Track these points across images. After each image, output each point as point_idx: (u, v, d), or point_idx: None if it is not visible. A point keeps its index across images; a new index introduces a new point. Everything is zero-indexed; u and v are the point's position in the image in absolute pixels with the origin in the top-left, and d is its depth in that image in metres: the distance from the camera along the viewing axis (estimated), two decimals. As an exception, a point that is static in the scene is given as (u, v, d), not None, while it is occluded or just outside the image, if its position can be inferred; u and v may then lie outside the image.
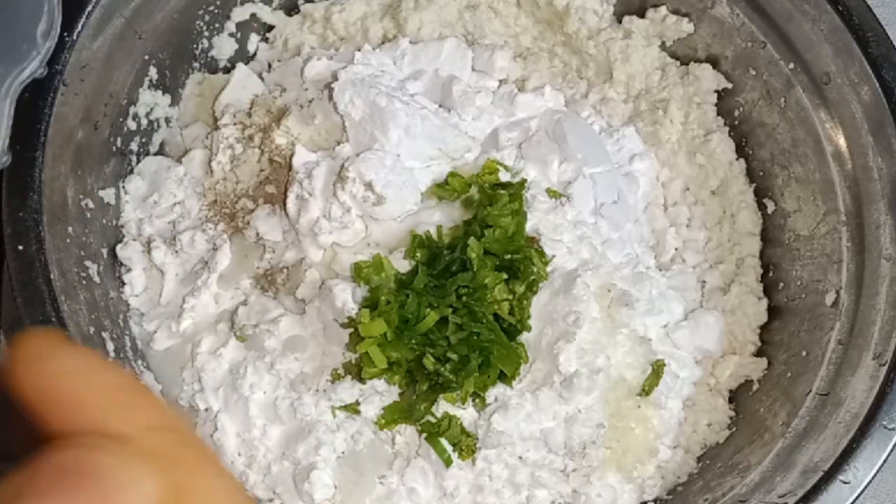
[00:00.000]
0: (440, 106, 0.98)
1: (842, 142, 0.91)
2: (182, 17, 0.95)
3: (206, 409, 0.87)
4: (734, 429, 0.92)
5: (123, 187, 0.93)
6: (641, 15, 1.03)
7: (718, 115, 1.02)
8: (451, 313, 0.84)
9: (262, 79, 1.01)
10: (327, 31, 1.03)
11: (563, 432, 0.85)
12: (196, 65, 1.01)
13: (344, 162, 0.90)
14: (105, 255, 0.89)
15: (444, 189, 0.92)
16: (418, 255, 0.88)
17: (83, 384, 0.31)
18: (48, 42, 0.56)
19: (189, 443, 0.32)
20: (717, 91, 1.02)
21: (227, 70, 1.03)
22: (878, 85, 0.87)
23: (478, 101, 0.97)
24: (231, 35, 1.02)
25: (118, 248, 0.91)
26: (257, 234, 0.92)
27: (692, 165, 1.01)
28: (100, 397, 0.31)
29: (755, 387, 0.93)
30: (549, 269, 0.89)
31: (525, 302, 0.87)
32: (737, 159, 1.01)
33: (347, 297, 0.86)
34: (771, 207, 0.99)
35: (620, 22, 1.04)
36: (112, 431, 0.30)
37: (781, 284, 0.96)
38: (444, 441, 0.84)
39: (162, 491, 0.29)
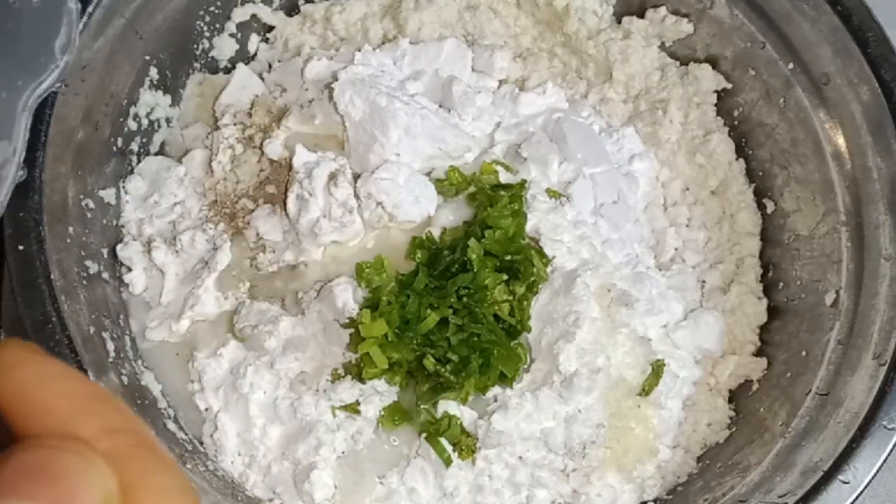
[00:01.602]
0: (440, 106, 0.98)
1: (841, 142, 0.91)
2: (183, 17, 0.95)
3: (206, 409, 0.87)
4: (734, 429, 0.92)
5: (124, 187, 0.93)
6: (641, 15, 1.03)
7: (718, 115, 1.02)
8: (451, 314, 0.84)
9: (263, 79, 1.02)
10: (327, 32, 1.03)
11: (563, 432, 0.85)
12: (196, 65, 1.01)
13: (340, 167, 0.90)
14: (105, 255, 0.89)
15: (442, 184, 0.93)
16: (419, 255, 0.89)
17: (51, 391, 0.34)
18: (66, 56, 0.57)
19: (143, 444, 0.35)
20: (716, 91, 1.02)
21: (228, 70, 1.03)
22: (877, 85, 0.87)
23: (478, 101, 0.98)
24: (231, 35, 1.03)
25: (118, 248, 0.91)
26: (257, 234, 0.92)
27: (692, 165, 1.01)
28: (64, 403, 0.34)
29: (755, 387, 0.93)
30: (549, 269, 0.89)
31: (525, 303, 0.87)
32: (736, 159, 1.01)
33: (348, 298, 0.86)
34: (771, 207, 0.99)
35: (620, 22, 1.04)
36: (74, 433, 0.33)
37: (781, 284, 0.97)
38: (444, 441, 0.84)
39: (117, 487, 0.32)
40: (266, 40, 1.05)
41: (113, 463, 0.32)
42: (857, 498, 0.77)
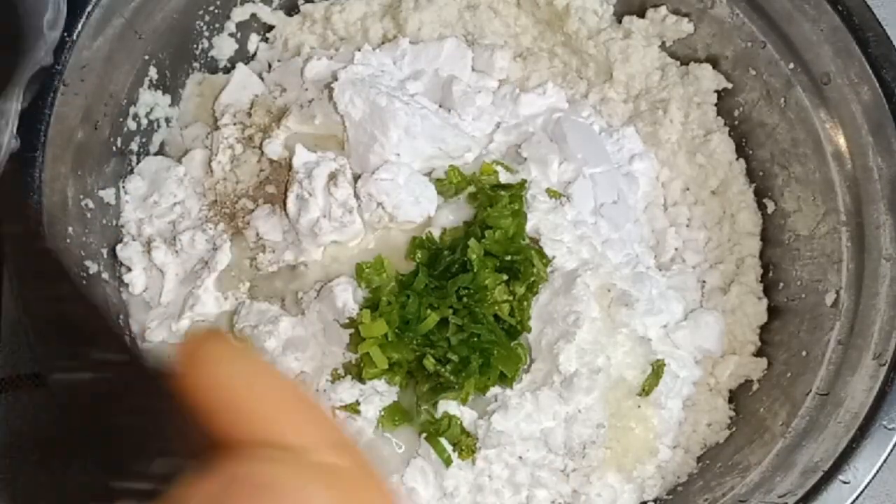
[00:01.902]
0: (440, 106, 0.98)
1: (842, 142, 0.91)
2: (182, 17, 0.95)
3: (207, 410, 0.86)
4: (734, 429, 0.92)
5: (123, 187, 0.93)
6: (641, 15, 1.03)
7: (718, 115, 1.02)
8: (451, 314, 0.84)
9: (262, 79, 1.01)
10: (327, 31, 1.03)
11: (563, 432, 0.85)
12: (196, 65, 1.01)
13: (340, 167, 0.90)
14: (105, 255, 0.89)
15: (442, 184, 0.93)
16: (419, 255, 0.89)
17: (254, 392, 0.30)
18: (54, 31, 0.57)
19: (362, 464, 0.31)
20: (717, 91, 1.02)
21: (227, 70, 1.03)
22: (878, 85, 0.87)
23: (478, 101, 0.98)
24: (231, 35, 1.02)
25: (118, 248, 0.91)
26: (257, 234, 0.92)
27: (692, 165, 1.01)
28: (272, 407, 0.30)
29: (755, 387, 0.93)
30: (549, 269, 0.89)
31: (525, 303, 0.87)
32: (737, 159, 1.01)
33: (348, 298, 0.86)
34: (771, 207, 0.99)
35: (620, 22, 1.04)
36: (287, 444, 0.29)
37: (781, 284, 0.96)
38: (444, 441, 0.84)
39: None
40: (266, 40, 1.05)
41: (334, 483, 0.29)
42: (857, 498, 0.77)
